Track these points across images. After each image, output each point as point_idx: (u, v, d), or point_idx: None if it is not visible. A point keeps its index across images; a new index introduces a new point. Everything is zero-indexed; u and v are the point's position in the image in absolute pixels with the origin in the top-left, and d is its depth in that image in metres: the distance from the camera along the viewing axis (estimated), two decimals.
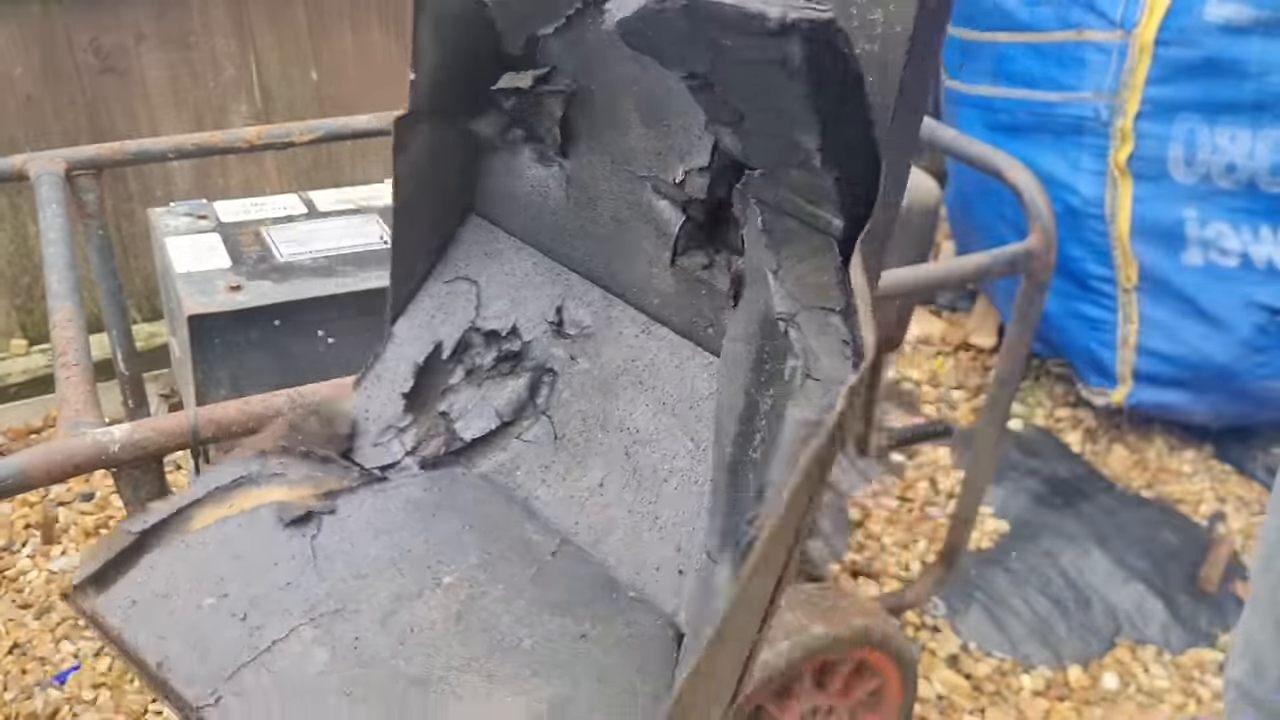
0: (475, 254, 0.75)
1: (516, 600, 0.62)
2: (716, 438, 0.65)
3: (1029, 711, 1.83)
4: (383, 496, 0.67)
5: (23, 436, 2.40)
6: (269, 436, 0.68)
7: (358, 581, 0.62)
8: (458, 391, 0.73)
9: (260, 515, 0.64)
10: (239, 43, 2.37)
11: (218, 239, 1.30)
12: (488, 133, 0.71)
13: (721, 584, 0.50)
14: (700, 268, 0.67)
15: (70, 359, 1.03)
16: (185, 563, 0.61)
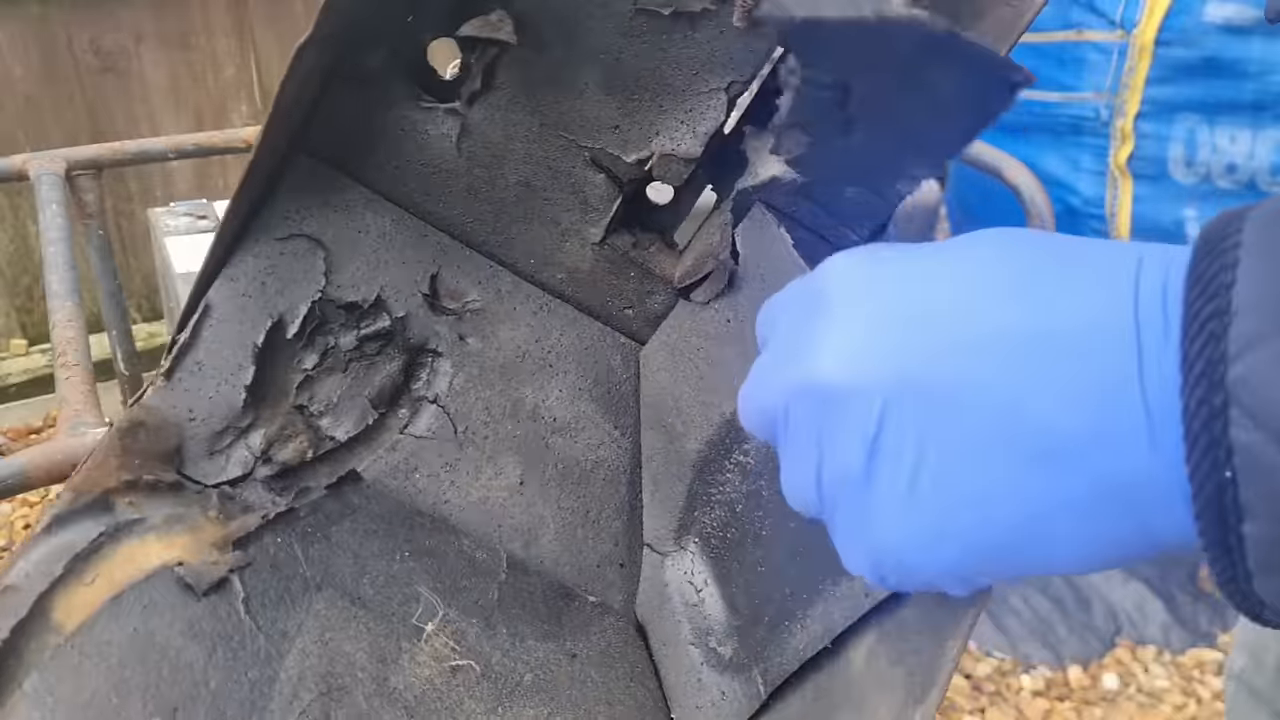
0: (312, 205, 0.60)
1: (497, 633, 0.55)
2: (656, 428, 0.62)
3: (1029, 711, 1.83)
4: (295, 536, 0.55)
5: (23, 437, 2.40)
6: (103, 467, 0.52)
7: (324, 651, 0.50)
8: (316, 380, 0.60)
9: (159, 588, 0.49)
10: (239, 42, 2.37)
11: None
12: (371, 66, 0.59)
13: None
14: (629, 246, 0.64)
15: (70, 359, 1.03)
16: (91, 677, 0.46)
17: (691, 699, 0.54)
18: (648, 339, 0.66)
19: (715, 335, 0.60)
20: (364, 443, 0.60)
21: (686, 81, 0.59)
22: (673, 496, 0.60)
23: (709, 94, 0.60)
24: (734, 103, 0.60)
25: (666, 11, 0.57)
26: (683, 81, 0.59)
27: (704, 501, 0.58)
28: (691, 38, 0.58)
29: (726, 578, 0.56)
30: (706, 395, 0.59)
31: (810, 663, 0.49)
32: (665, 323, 0.64)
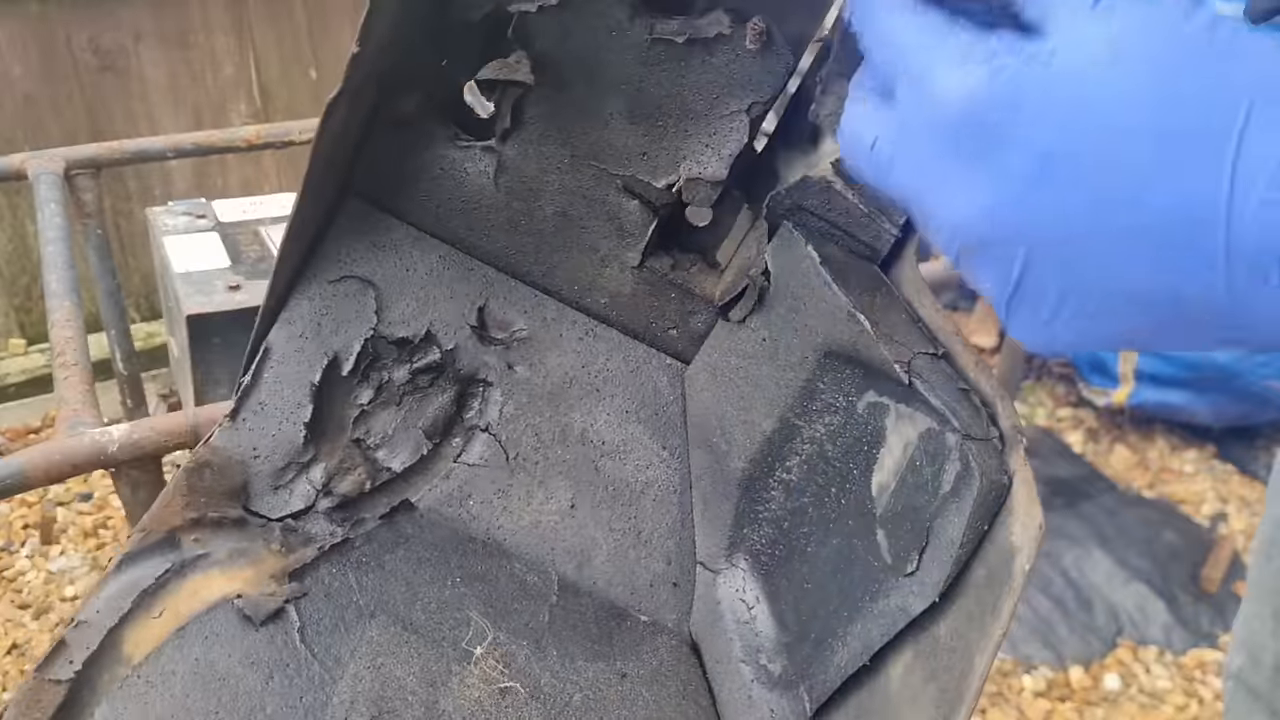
0: (361, 246, 0.63)
1: (547, 655, 0.57)
2: (703, 447, 0.63)
3: (1030, 712, 1.83)
4: (349, 566, 0.57)
5: (21, 436, 2.39)
6: (169, 507, 0.56)
7: (376, 675, 0.53)
8: (372, 414, 0.62)
9: (220, 619, 0.52)
10: (238, 41, 2.37)
11: (216, 238, 1.30)
12: (408, 110, 0.62)
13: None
14: (668, 268, 0.65)
15: (69, 359, 1.02)
16: (156, 705, 0.49)
17: (742, 716, 0.55)
18: (693, 358, 0.67)
19: (752, 354, 0.61)
20: (419, 472, 0.62)
21: (708, 105, 0.60)
22: (722, 515, 0.61)
23: (730, 116, 0.60)
24: (756, 123, 0.60)
25: (681, 39, 0.58)
26: (704, 106, 0.60)
27: (751, 519, 0.59)
28: (709, 63, 0.59)
29: (776, 594, 0.57)
30: (747, 414, 0.60)
31: (852, 680, 0.50)
32: (706, 342, 0.65)
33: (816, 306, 0.57)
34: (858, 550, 0.51)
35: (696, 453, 0.64)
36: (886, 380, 0.52)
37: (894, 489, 0.50)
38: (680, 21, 0.58)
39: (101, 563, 2.07)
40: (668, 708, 0.56)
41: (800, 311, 0.58)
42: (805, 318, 0.57)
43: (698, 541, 0.62)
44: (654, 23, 0.58)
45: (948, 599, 0.46)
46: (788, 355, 0.58)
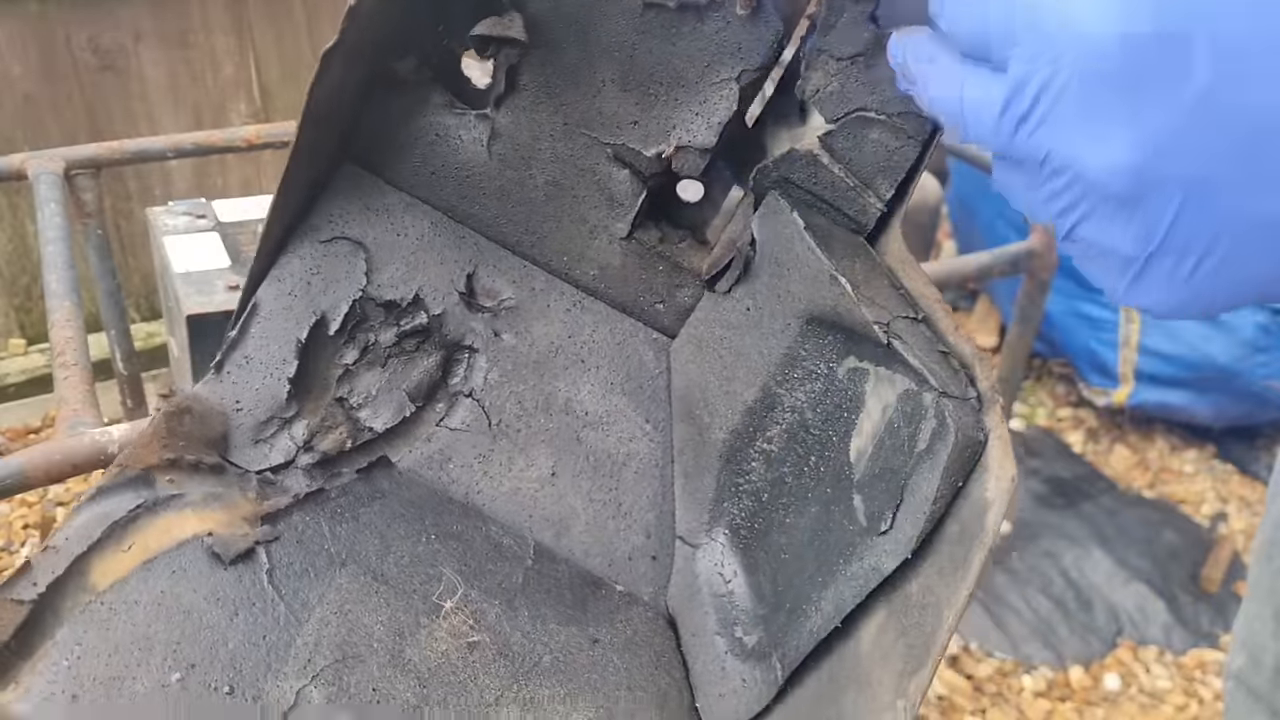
0: (354, 209, 0.64)
1: (518, 615, 0.57)
2: (686, 419, 0.63)
3: (1030, 712, 1.83)
4: (323, 515, 0.57)
5: (21, 437, 2.39)
6: (148, 447, 0.55)
7: (343, 621, 0.53)
8: (356, 374, 0.63)
9: (189, 555, 0.52)
10: (238, 41, 2.37)
11: (216, 238, 1.29)
12: (403, 72, 0.62)
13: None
14: (657, 241, 0.65)
15: (69, 359, 1.02)
16: (117, 631, 0.49)
17: (715, 687, 0.55)
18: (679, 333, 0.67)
19: (736, 324, 0.61)
20: (401, 434, 0.62)
21: (698, 73, 0.60)
22: (702, 488, 0.61)
23: (720, 84, 0.60)
24: (746, 92, 0.61)
25: (673, 4, 0.58)
26: (694, 74, 0.60)
27: (732, 492, 0.59)
28: (699, 29, 0.59)
29: (754, 567, 0.57)
30: (730, 385, 0.60)
31: (824, 646, 0.50)
32: (692, 316, 0.65)
33: (800, 272, 0.57)
34: (834, 516, 0.51)
35: (680, 426, 0.64)
36: (866, 343, 0.52)
37: (871, 453, 0.50)
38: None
39: None
40: (639, 675, 0.56)
41: (784, 278, 0.58)
42: (788, 284, 0.57)
43: (678, 515, 0.62)
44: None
45: (920, 555, 0.46)
46: (771, 323, 0.58)
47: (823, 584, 0.50)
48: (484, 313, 0.65)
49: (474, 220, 0.66)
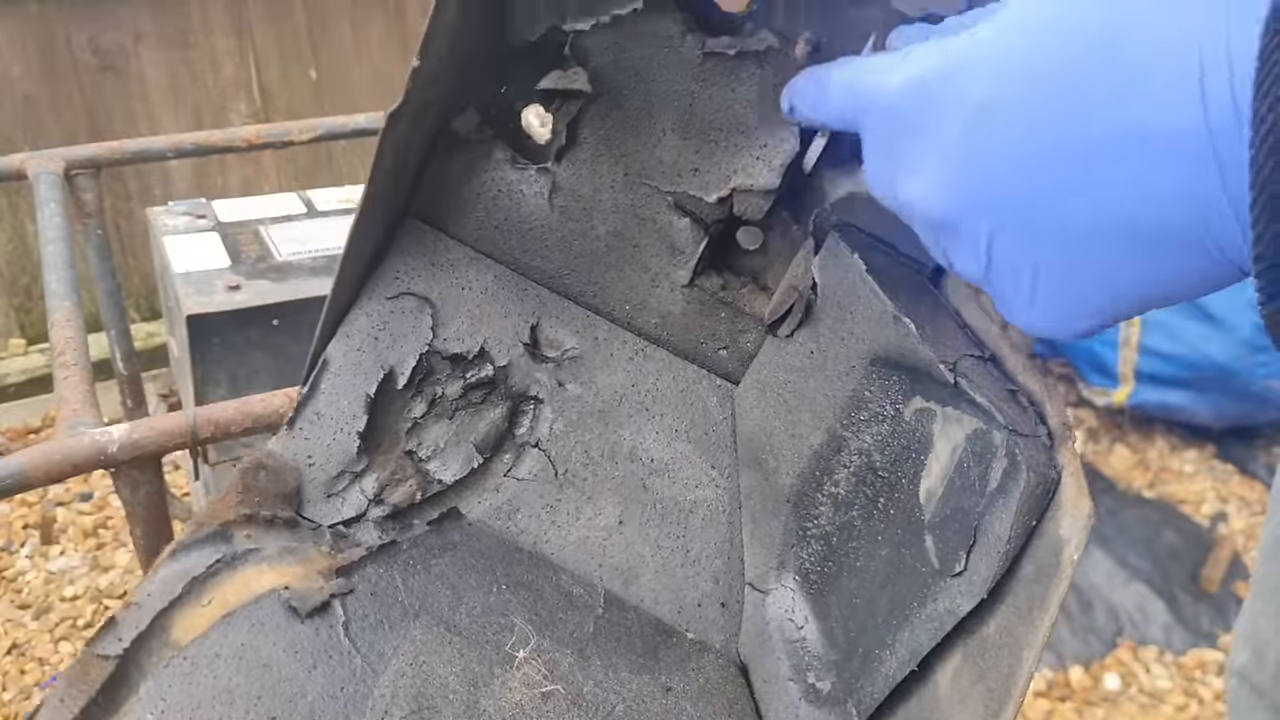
0: (419, 266, 0.65)
1: (591, 664, 0.57)
2: (752, 465, 0.63)
3: (1030, 712, 1.83)
4: (396, 567, 0.58)
5: (21, 436, 2.39)
6: (224, 503, 0.57)
7: (418, 673, 0.53)
8: (425, 427, 0.63)
9: (266, 609, 0.53)
10: (238, 41, 2.37)
11: (216, 238, 1.30)
12: (465, 130, 0.64)
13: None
14: (719, 288, 0.66)
15: (69, 359, 1.02)
16: (199, 685, 0.50)
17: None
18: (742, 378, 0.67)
19: (800, 368, 0.61)
20: (469, 485, 0.63)
21: (758, 118, 0.60)
22: (771, 533, 0.61)
23: (780, 127, 0.60)
24: (805, 135, 0.61)
25: (732, 52, 0.59)
26: (754, 118, 0.60)
27: (800, 536, 0.59)
28: (758, 75, 0.60)
29: (826, 612, 0.56)
30: (795, 429, 0.60)
31: (901, 691, 0.49)
32: (755, 360, 0.65)
33: (863, 313, 0.57)
34: (906, 559, 0.51)
35: (746, 471, 0.64)
36: (933, 383, 0.52)
37: (942, 494, 0.50)
38: (731, 39, 0.59)
39: (102, 563, 2.07)
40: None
41: (846, 321, 0.58)
42: (851, 326, 0.57)
43: (746, 561, 0.62)
44: (705, 39, 0.59)
45: (996, 596, 0.46)
46: (835, 366, 0.59)
47: (896, 627, 0.50)
48: (548, 363, 0.66)
49: (537, 272, 0.67)
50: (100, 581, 2.02)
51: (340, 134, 1.68)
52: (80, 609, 1.96)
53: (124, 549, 2.10)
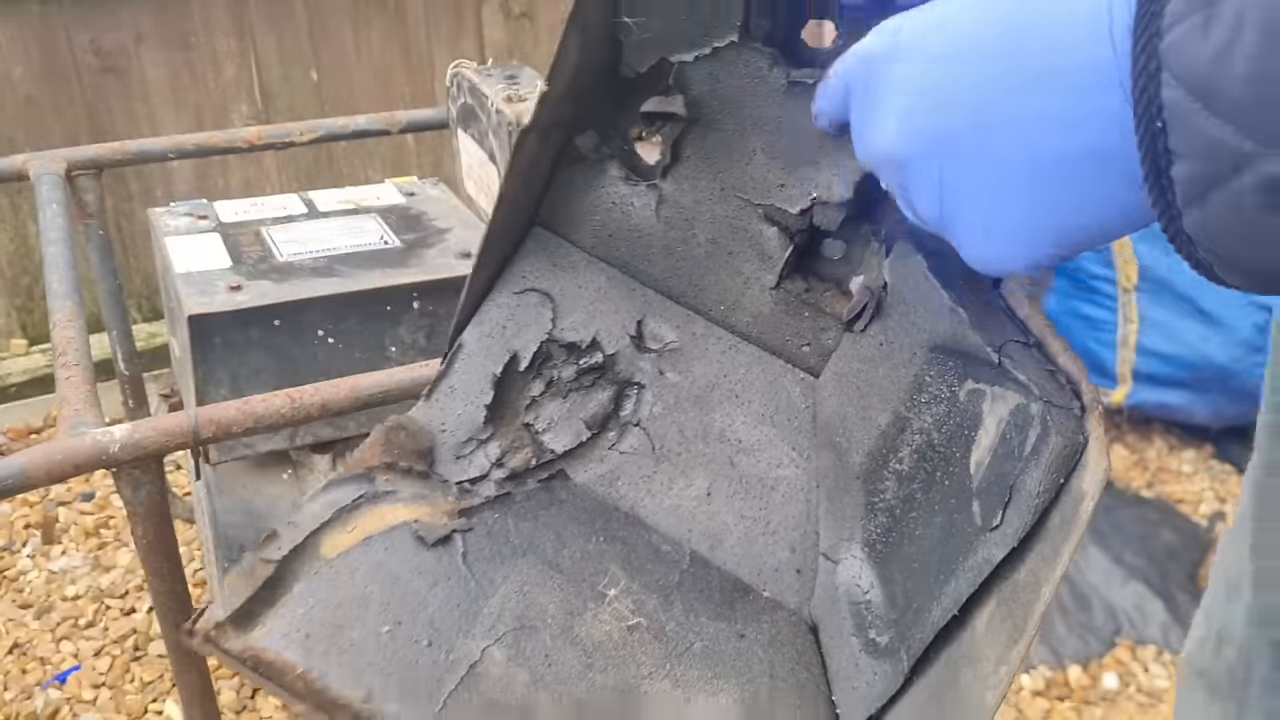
0: (543, 266, 0.75)
1: (673, 607, 0.64)
2: (828, 447, 0.70)
3: (1029, 711, 1.83)
4: (510, 514, 0.67)
5: (23, 436, 2.40)
6: (370, 452, 0.67)
7: (522, 598, 0.62)
8: (541, 404, 0.73)
9: (399, 537, 0.63)
10: (239, 42, 2.37)
11: (218, 239, 1.30)
12: (586, 148, 0.73)
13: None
14: (803, 291, 0.73)
15: (70, 359, 1.03)
16: (342, 590, 0.60)
17: (849, 681, 0.62)
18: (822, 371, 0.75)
19: (870, 358, 0.68)
20: (577, 456, 0.72)
21: (834, 139, 0.67)
22: (842, 508, 0.67)
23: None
24: None
25: (812, 81, 0.65)
26: (832, 141, 0.67)
27: (868, 510, 0.65)
28: None
29: (888, 578, 0.62)
30: (866, 412, 0.67)
31: (944, 638, 0.55)
32: (834, 354, 0.72)
33: (925, 306, 0.63)
34: (956, 523, 0.57)
35: (822, 453, 0.70)
36: (982, 365, 0.58)
37: (988, 463, 0.56)
38: (812, 70, 0.67)
39: (103, 562, 2.07)
40: (781, 668, 0.63)
41: (910, 314, 0.65)
42: (915, 318, 0.64)
43: (821, 534, 0.69)
44: (790, 70, 0.67)
45: (1026, 545, 0.52)
46: (900, 354, 0.65)
47: (944, 581, 0.56)
48: (651, 354, 0.74)
49: (644, 275, 0.76)
50: (102, 581, 2.03)
51: (341, 135, 1.68)
52: (82, 608, 1.97)
53: (125, 549, 2.10)
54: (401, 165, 2.64)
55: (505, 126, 1.42)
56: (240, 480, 1.30)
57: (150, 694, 1.81)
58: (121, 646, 1.89)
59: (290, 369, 1.20)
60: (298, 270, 1.23)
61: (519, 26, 2.68)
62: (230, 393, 1.17)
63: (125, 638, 1.90)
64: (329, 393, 0.99)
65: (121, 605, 1.98)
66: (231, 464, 1.28)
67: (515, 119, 1.40)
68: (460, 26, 2.60)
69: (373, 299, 1.21)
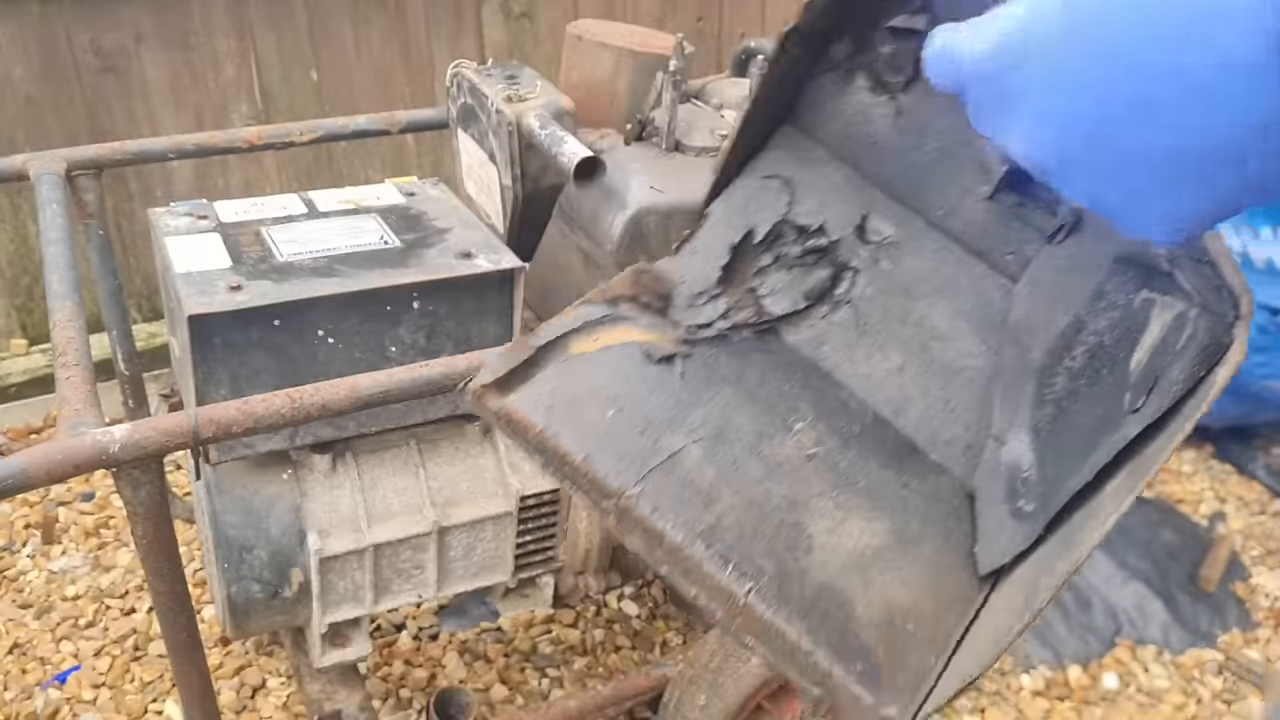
0: (788, 158, 0.86)
1: (849, 451, 0.75)
2: (1012, 344, 0.78)
3: (1029, 711, 1.83)
4: (725, 351, 0.80)
5: (23, 436, 2.40)
6: (619, 285, 0.81)
7: (724, 417, 0.74)
8: (767, 273, 0.84)
9: (631, 351, 0.76)
10: (239, 42, 2.37)
11: (218, 239, 1.30)
12: (839, 56, 0.81)
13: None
14: (1015, 204, 0.79)
15: (70, 359, 1.03)
16: (581, 379, 0.73)
17: (992, 538, 0.70)
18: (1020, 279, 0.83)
19: (1063, 267, 0.75)
20: (791, 321, 0.83)
21: None
22: (1017, 399, 0.75)
23: None
24: None
25: None
26: None
27: (1039, 402, 0.73)
28: None
29: (1044, 461, 0.70)
30: (1050, 315, 0.74)
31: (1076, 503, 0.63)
32: (1032, 262, 0.79)
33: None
34: (1110, 412, 0.65)
35: (1006, 349, 0.78)
36: (1158, 276, 0.66)
37: (1146, 362, 0.64)
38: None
39: (103, 562, 2.07)
40: (933, 516, 0.73)
41: (1102, 229, 0.70)
42: (1105, 233, 0.70)
43: (994, 419, 0.76)
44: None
45: (1160, 424, 0.60)
46: (1088, 265, 0.72)
47: (1086, 457, 0.64)
48: (870, 245, 0.83)
49: (873, 176, 0.84)
50: (102, 581, 2.03)
51: (341, 135, 1.68)
52: (82, 608, 1.97)
53: (125, 549, 2.10)
54: (401, 165, 2.64)
55: (505, 126, 1.42)
56: (240, 480, 1.30)
57: (150, 694, 1.81)
58: (121, 646, 1.89)
59: (290, 369, 1.19)
60: (298, 270, 1.23)
61: (519, 26, 2.68)
62: (230, 393, 1.17)
63: (125, 638, 1.90)
64: (329, 393, 0.99)
65: (121, 605, 1.98)
66: (232, 464, 1.28)
67: (515, 119, 1.40)
68: (460, 26, 2.60)
69: (373, 299, 1.21)
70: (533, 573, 1.49)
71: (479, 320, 1.28)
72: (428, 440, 1.40)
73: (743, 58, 1.84)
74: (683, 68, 1.41)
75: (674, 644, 1.94)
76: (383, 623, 1.94)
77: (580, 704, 1.54)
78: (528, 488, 1.40)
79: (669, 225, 1.35)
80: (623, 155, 1.41)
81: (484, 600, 1.90)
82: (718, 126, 1.48)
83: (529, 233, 1.51)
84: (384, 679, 1.83)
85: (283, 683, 1.82)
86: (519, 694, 1.83)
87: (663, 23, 2.87)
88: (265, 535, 1.29)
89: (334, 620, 1.37)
